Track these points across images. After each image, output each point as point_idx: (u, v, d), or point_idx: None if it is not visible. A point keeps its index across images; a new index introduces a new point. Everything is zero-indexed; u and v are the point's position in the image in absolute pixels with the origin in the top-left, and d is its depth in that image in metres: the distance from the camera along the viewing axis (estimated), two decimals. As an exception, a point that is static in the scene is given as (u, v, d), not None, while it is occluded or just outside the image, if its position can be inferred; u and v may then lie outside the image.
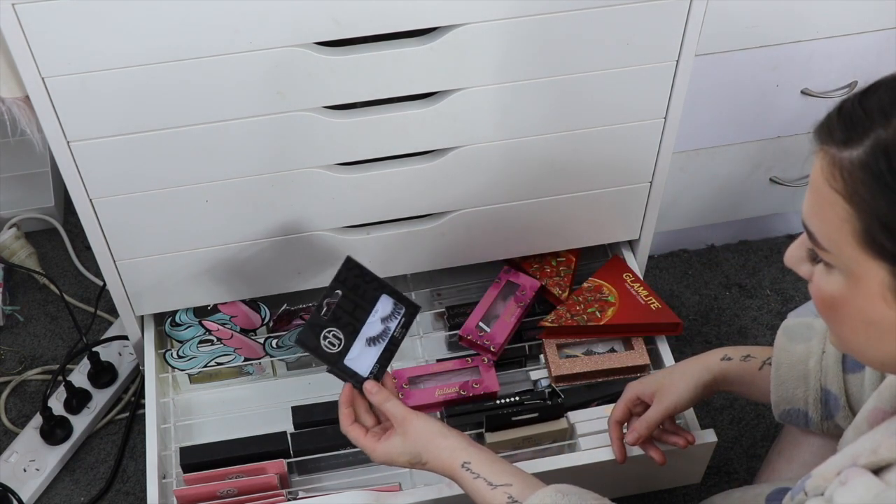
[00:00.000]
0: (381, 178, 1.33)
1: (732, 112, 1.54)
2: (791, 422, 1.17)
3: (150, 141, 1.21)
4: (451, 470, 1.07)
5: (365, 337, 1.16)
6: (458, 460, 1.06)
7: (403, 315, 1.18)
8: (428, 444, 1.08)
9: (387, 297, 1.18)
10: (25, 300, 1.77)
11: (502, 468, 1.06)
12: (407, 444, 1.10)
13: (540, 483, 1.04)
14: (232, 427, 1.45)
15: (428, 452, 1.08)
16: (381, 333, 1.16)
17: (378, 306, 1.17)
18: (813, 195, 0.78)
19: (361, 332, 1.16)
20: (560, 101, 1.30)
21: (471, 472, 1.05)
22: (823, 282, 0.80)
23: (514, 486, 1.03)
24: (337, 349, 1.15)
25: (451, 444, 1.08)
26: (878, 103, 0.74)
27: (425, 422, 1.10)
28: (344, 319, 1.16)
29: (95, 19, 1.08)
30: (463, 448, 1.07)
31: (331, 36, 1.16)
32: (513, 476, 1.05)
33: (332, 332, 1.16)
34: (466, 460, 1.06)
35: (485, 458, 1.06)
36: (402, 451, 1.10)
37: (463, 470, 1.06)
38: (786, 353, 1.15)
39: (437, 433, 1.09)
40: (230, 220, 1.34)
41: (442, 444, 1.08)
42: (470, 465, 1.06)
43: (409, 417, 1.10)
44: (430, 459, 1.09)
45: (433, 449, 1.08)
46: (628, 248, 1.59)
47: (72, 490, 1.53)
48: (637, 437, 1.23)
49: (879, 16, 1.45)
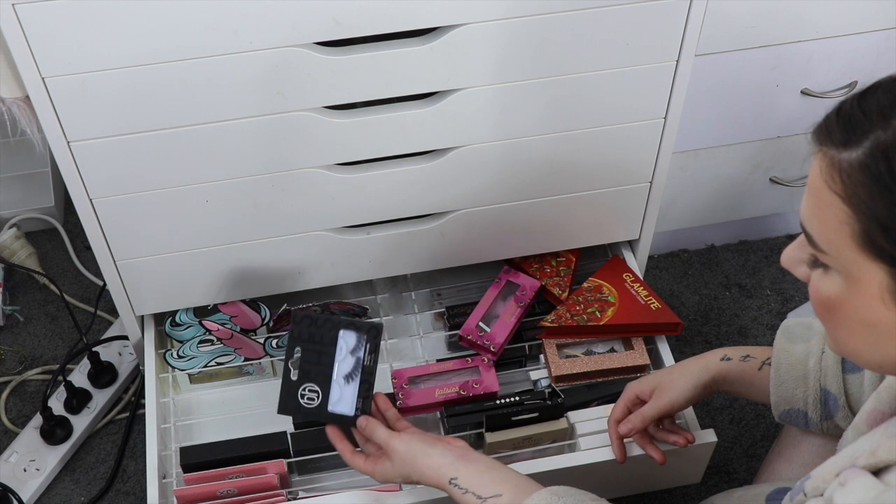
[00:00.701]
0: (381, 178, 1.33)
1: (732, 112, 1.54)
2: (791, 422, 1.17)
3: (150, 141, 1.21)
4: (440, 485, 1.09)
5: (340, 377, 1.18)
6: (444, 478, 1.08)
7: (367, 340, 1.18)
8: (413, 466, 1.11)
9: (345, 332, 1.18)
10: (25, 300, 1.77)
11: (493, 477, 1.06)
12: (396, 468, 1.13)
13: (536, 485, 1.04)
14: (232, 427, 1.45)
15: (416, 473, 1.11)
16: (354, 366, 1.18)
17: (340, 343, 1.18)
18: (811, 197, 0.78)
19: (334, 374, 1.18)
20: (560, 101, 1.30)
21: (459, 488, 1.06)
22: (821, 283, 0.80)
23: (504, 496, 1.03)
24: (318, 402, 1.19)
25: (435, 463, 1.09)
26: (878, 105, 0.74)
27: (408, 444, 1.12)
28: (313, 372, 1.18)
29: (95, 19, 1.08)
30: (448, 464, 1.08)
31: (331, 36, 1.16)
32: (504, 484, 1.05)
33: (307, 388, 1.19)
34: (453, 476, 1.07)
35: (473, 469, 1.07)
36: (394, 473, 1.13)
37: (451, 486, 1.07)
38: (785, 353, 1.15)
39: (420, 454, 1.10)
40: (230, 220, 1.34)
41: (426, 464, 1.09)
42: (457, 481, 1.06)
43: (391, 443, 1.12)
44: (419, 478, 1.11)
45: (420, 469, 1.10)
46: (628, 248, 1.59)
47: (72, 490, 1.53)
48: (630, 427, 1.23)
49: (879, 16, 1.45)
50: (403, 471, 1.12)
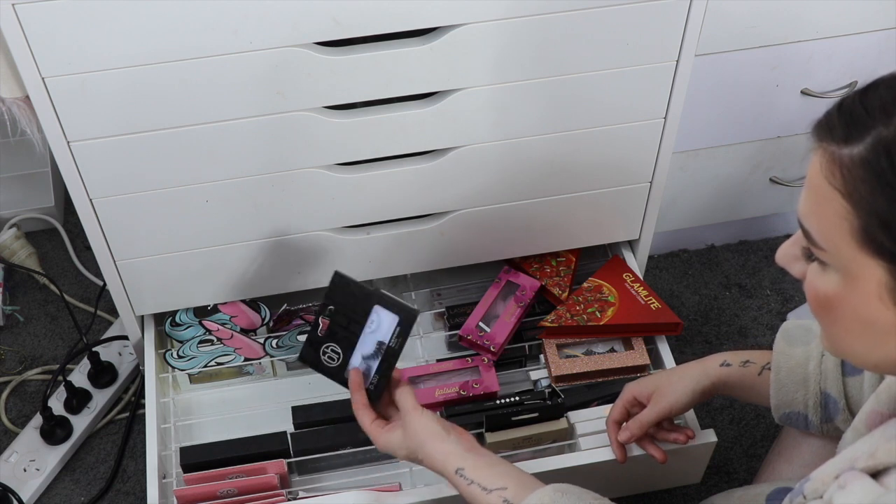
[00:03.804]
0: (381, 178, 1.33)
1: (732, 112, 1.54)
2: (791, 424, 1.17)
3: (150, 141, 1.21)
4: (444, 474, 1.08)
5: (363, 349, 1.16)
6: (451, 466, 1.06)
7: (398, 324, 1.15)
8: (424, 444, 1.08)
9: (380, 308, 1.16)
10: (25, 300, 1.77)
11: (499, 472, 1.05)
12: (406, 440, 1.10)
13: (539, 483, 1.04)
14: (232, 427, 1.45)
15: (423, 451, 1.09)
16: (378, 345, 1.15)
17: (372, 317, 1.16)
18: (810, 192, 0.78)
19: (358, 344, 1.16)
20: (560, 101, 1.30)
21: (464, 479, 1.05)
22: (818, 281, 0.80)
23: (510, 489, 1.03)
24: (337, 363, 1.17)
25: (446, 449, 1.07)
26: (880, 101, 0.74)
27: (427, 421, 1.09)
28: (339, 334, 1.17)
29: (95, 19, 1.08)
30: (458, 454, 1.07)
31: (331, 36, 1.16)
32: (509, 478, 1.04)
33: (329, 348, 1.18)
34: (460, 466, 1.06)
35: (481, 462, 1.06)
36: (401, 444, 1.10)
37: (457, 476, 1.06)
38: (785, 357, 1.15)
39: (435, 435, 1.08)
40: (230, 220, 1.34)
41: (437, 448, 1.08)
42: (463, 472, 1.05)
43: (412, 413, 1.10)
44: (425, 458, 1.09)
45: (429, 450, 1.08)
46: (628, 248, 1.59)
47: (72, 490, 1.53)
48: (629, 436, 1.24)
49: (879, 16, 1.45)
50: (411, 446, 1.09)
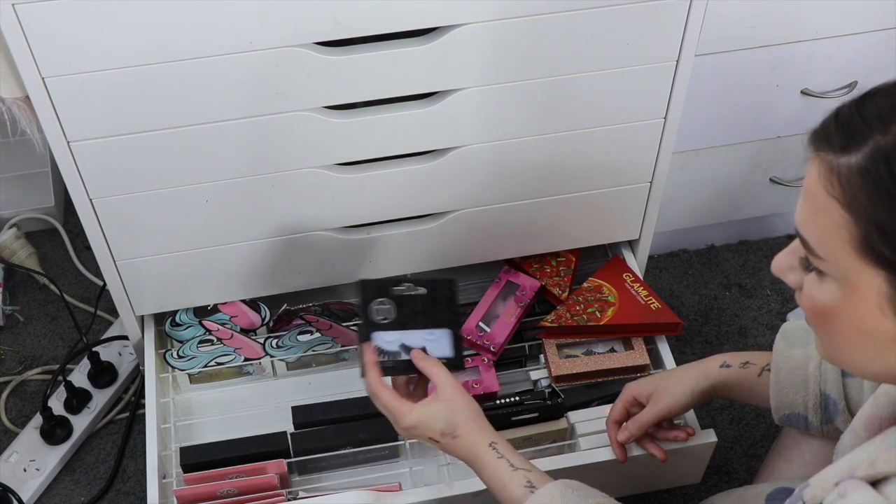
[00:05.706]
0: (381, 178, 1.33)
1: (732, 112, 1.54)
2: (791, 425, 1.17)
3: (150, 141, 1.21)
4: (476, 447, 1.08)
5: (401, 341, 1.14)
6: (485, 440, 1.08)
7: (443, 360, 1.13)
8: (468, 419, 1.09)
9: (446, 334, 1.14)
10: (25, 300, 1.77)
11: (522, 457, 1.08)
12: (448, 413, 1.09)
13: (550, 478, 1.06)
14: (232, 427, 1.45)
15: (464, 426, 1.09)
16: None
17: (435, 333, 1.14)
18: (808, 202, 0.77)
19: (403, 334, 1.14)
20: (560, 101, 1.30)
21: (496, 452, 1.07)
22: (816, 290, 0.79)
23: (533, 473, 1.05)
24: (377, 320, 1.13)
25: (484, 426, 1.10)
26: (877, 110, 0.73)
27: (470, 398, 1.11)
28: (404, 311, 1.14)
29: (95, 19, 1.08)
30: (492, 431, 1.10)
31: (331, 36, 1.16)
32: (530, 465, 1.07)
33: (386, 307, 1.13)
34: (494, 441, 1.08)
35: (509, 446, 1.09)
36: (442, 418, 1.09)
37: (490, 448, 1.08)
38: (785, 358, 1.15)
39: (479, 412, 1.11)
40: (230, 220, 1.34)
41: (479, 423, 1.10)
42: (497, 446, 1.08)
43: (458, 388, 1.10)
44: (463, 433, 1.09)
45: (471, 424, 1.09)
46: (628, 248, 1.59)
47: (72, 490, 1.53)
48: (628, 436, 1.24)
49: (879, 16, 1.45)
50: (455, 419, 1.08)
